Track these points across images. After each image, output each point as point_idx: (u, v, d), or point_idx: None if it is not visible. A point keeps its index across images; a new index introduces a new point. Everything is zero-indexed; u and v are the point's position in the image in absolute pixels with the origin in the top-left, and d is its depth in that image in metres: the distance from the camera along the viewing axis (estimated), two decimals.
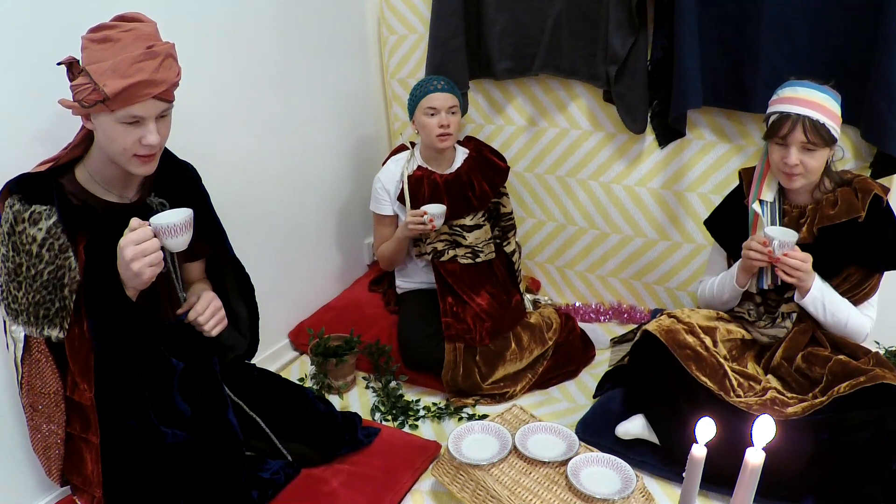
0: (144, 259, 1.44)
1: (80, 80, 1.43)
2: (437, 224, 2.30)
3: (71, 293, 1.49)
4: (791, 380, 1.91)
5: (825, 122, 1.76)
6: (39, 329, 1.50)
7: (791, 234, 1.83)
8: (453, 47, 2.62)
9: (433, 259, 2.44)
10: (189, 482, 1.60)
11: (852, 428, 1.69)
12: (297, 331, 2.69)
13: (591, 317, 2.85)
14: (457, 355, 2.29)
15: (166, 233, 1.47)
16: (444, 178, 2.43)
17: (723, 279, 2.05)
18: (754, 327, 2.02)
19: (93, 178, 1.57)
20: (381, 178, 2.48)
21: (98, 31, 1.44)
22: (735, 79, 2.28)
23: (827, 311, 1.87)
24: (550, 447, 1.83)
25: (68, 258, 1.48)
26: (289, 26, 2.47)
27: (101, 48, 1.42)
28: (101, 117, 1.46)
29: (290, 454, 1.89)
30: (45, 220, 1.46)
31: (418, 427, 2.21)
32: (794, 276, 1.82)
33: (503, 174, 2.53)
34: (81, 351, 1.50)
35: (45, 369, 1.54)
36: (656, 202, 2.64)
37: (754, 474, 1.22)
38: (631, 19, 2.34)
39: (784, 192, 1.97)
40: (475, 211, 2.47)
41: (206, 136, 2.16)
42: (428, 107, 2.34)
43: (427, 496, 1.90)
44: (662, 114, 2.46)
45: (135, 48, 1.43)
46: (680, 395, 1.85)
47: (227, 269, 1.90)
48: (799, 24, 2.14)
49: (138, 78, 1.43)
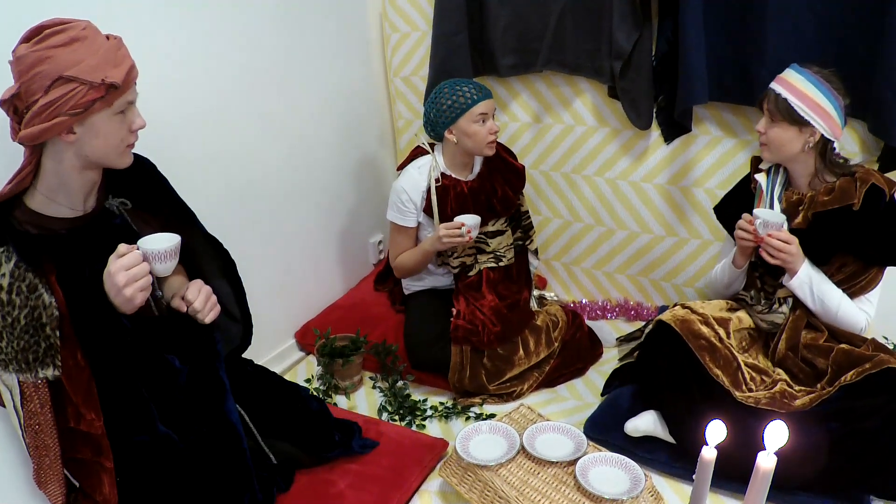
0: (136, 284, 1.42)
1: (62, 90, 1.36)
2: (473, 235, 2.24)
3: (53, 331, 1.43)
4: (798, 371, 1.91)
5: (788, 99, 1.83)
6: (34, 373, 1.43)
7: (778, 215, 1.89)
8: (456, 44, 2.61)
9: (459, 273, 2.39)
10: (199, 485, 1.59)
11: (862, 415, 1.70)
12: (304, 331, 2.68)
13: (598, 314, 2.83)
14: (463, 357, 2.27)
15: (155, 258, 1.46)
16: (469, 186, 2.37)
17: (725, 262, 2.08)
18: (753, 311, 2.05)
19: (50, 200, 1.50)
20: (406, 188, 2.35)
21: (50, 37, 1.36)
22: (741, 73, 2.26)
23: (815, 297, 1.89)
24: (559, 447, 1.83)
25: (40, 296, 1.41)
26: (291, 24, 2.46)
27: (73, 49, 1.37)
28: (92, 119, 1.42)
29: (275, 454, 1.83)
30: (5, 263, 1.39)
31: (425, 427, 2.21)
32: (778, 258, 1.87)
33: (521, 175, 2.49)
34: (81, 381, 1.46)
35: (45, 410, 1.48)
36: (662, 198, 2.63)
37: (766, 478, 1.21)
38: (635, 13, 2.32)
39: (788, 179, 1.99)
40: (498, 217, 2.43)
41: (208, 134, 2.16)
42: (480, 113, 2.23)
43: (435, 496, 1.90)
44: (668, 109, 2.44)
45: (103, 40, 1.41)
46: (693, 385, 1.85)
47: (199, 250, 1.83)
48: (805, 15, 2.12)
49: (128, 63, 1.43)
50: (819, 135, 1.84)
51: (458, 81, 2.29)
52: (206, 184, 2.16)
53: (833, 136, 1.85)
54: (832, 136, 1.85)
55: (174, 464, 1.56)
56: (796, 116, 1.83)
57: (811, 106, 1.82)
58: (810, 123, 1.82)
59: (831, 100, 1.82)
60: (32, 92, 1.37)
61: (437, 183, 2.34)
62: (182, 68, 2.03)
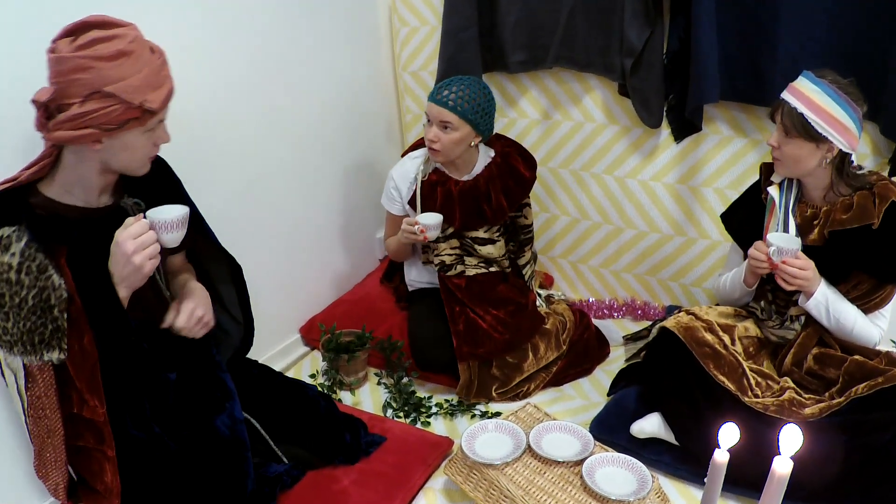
0: (144, 252, 1.42)
1: (99, 104, 1.35)
2: (430, 236, 2.18)
3: (61, 312, 1.42)
4: (805, 383, 1.89)
5: (804, 113, 1.73)
6: (39, 356, 1.42)
7: (793, 240, 1.82)
8: (466, 39, 2.59)
9: (439, 272, 2.34)
10: (196, 487, 1.58)
11: (872, 429, 1.67)
12: (309, 326, 2.67)
13: (605, 313, 2.82)
14: (471, 374, 2.24)
15: (162, 228, 1.46)
16: (459, 187, 2.29)
17: (735, 277, 2.04)
18: (764, 325, 2.01)
19: (66, 191, 1.51)
20: (395, 177, 2.36)
21: (96, 44, 1.34)
22: (753, 72, 2.24)
23: (831, 317, 1.85)
24: (565, 446, 1.81)
25: (49, 277, 1.40)
26: (298, 18, 2.45)
27: (118, 64, 1.35)
28: (123, 135, 1.42)
29: (287, 458, 1.85)
30: (16, 242, 1.38)
31: (430, 424, 2.20)
32: (794, 284, 1.81)
33: (525, 185, 2.36)
34: (86, 366, 1.46)
35: (50, 393, 1.48)
36: (672, 197, 2.61)
37: (781, 483, 1.20)
38: (647, 10, 2.30)
39: (801, 192, 1.94)
40: (489, 225, 2.34)
41: (214, 128, 2.15)
42: (426, 111, 2.21)
43: (440, 494, 1.89)
44: (678, 107, 2.42)
45: (148, 56, 1.40)
46: (698, 392, 1.83)
47: (207, 255, 1.85)
48: (818, 14, 2.10)
49: (168, 86, 1.43)
50: (837, 150, 1.77)
51: (451, 80, 2.20)
52: (214, 178, 2.15)
53: (850, 148, 1.77)
54: (850, 149, 1.77)
55: (169, 463, 1.56)
56: (813, 132, 1.74)
57: (829, 121, 1.73)
58: (828, 139, 1.74)
59: (849, 112, 1.74)
60: (68, 95, 1.35)
61: (423, 177, 2.31)
62: (188, 62, 2.01)
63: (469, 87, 2.17)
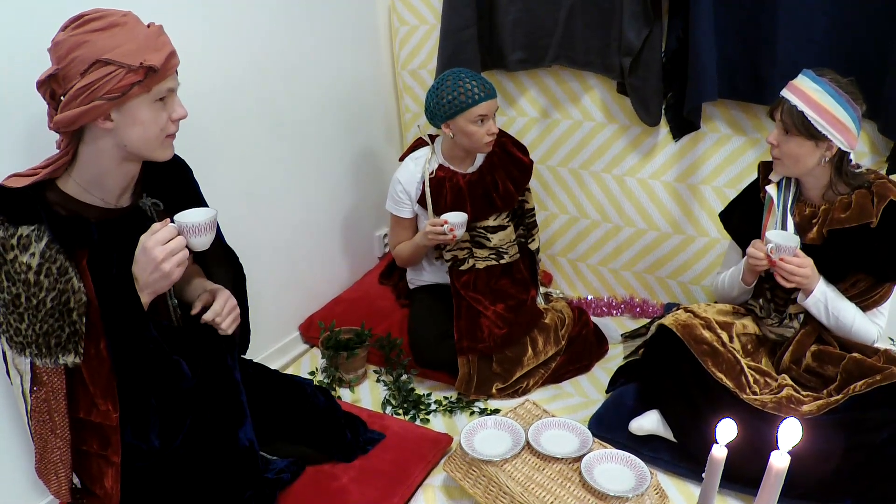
0: (174, 259, 1.39)
1: (100, 73, 1.33)
2: (458, 234, 2.20)
3: (80, 317, 1.39)
4: (803, 380, 1.90)
5: (804, 111, 1.73)
6: (53, 358, 1.39)
7: (791, 238, 1.83)
8: (465, 38, 2.60)
9: (450, 268, 2.36)
10: (197, 493, 1.57)
11: (870, 427, 1.68)
12: (308, 324, 2.68)
13: (604, 310, 2.83)
14: (470, 368, 2.25)
15: (192, 231, 1.42)
16: (467, 179, 2.33)
17: (733, 275, 2.04)
18: (763, 323, 2.02)
19: (84, 189, 1.47)
20: (401, 180, 2.34)
21: (89, 22, 1.34)
22: (751, 70, 2.24)
23: (830, 315, 1.86)
24: (564, 443, 1.82)
25: (70, 280, 1.37)
26: (298, 17, 2.45)
27: (111, 34, 1.34)
28: (130, 105, 1.38)
29: (286, 456, 1.84)
30: (36, 242, 1.35)
31: (429, 421, 2.20)
32: (792, 282, 1.82)
33: (527, 171, 2.42)
34: (102, 371, 1.42)
35: (59, 397, 1.44)
36: (670, 195, 2.62)
37: (779, 478, 1.20)
38: (646, 9, 2.31)
39: (800, 191, 1.94)
40: (499, 212, 2.36)
41: (214, 127, 2.15)
42: (479, 115, 2.17)
43: (439, 491, 1.89)
44: (677, 106, 2.43)
45: (143, 27, 1.39)
46: (696, 390, 1.84)
47: (214, 258, 1.81)
48: (817, 14, 2.10)
49: (168, 49, 1.40)
50: (836, 148, 1.77)
51: (463, 75, 2.20)
52: (214, 176, 2.14)
53: (849, 147, 1.78)
54: (849, 148, 1.77)
55: (164, 474, 1.53)
56: (813, 130, 1.74)
57: (829, 119, 1.73)
58: (827, 138, 1.75)
59: (849, 111, 1.74)
60: (70, 77, 1.34)
61: (431, 175, 2.31)
62: (188, 62, 1.99)
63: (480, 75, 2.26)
